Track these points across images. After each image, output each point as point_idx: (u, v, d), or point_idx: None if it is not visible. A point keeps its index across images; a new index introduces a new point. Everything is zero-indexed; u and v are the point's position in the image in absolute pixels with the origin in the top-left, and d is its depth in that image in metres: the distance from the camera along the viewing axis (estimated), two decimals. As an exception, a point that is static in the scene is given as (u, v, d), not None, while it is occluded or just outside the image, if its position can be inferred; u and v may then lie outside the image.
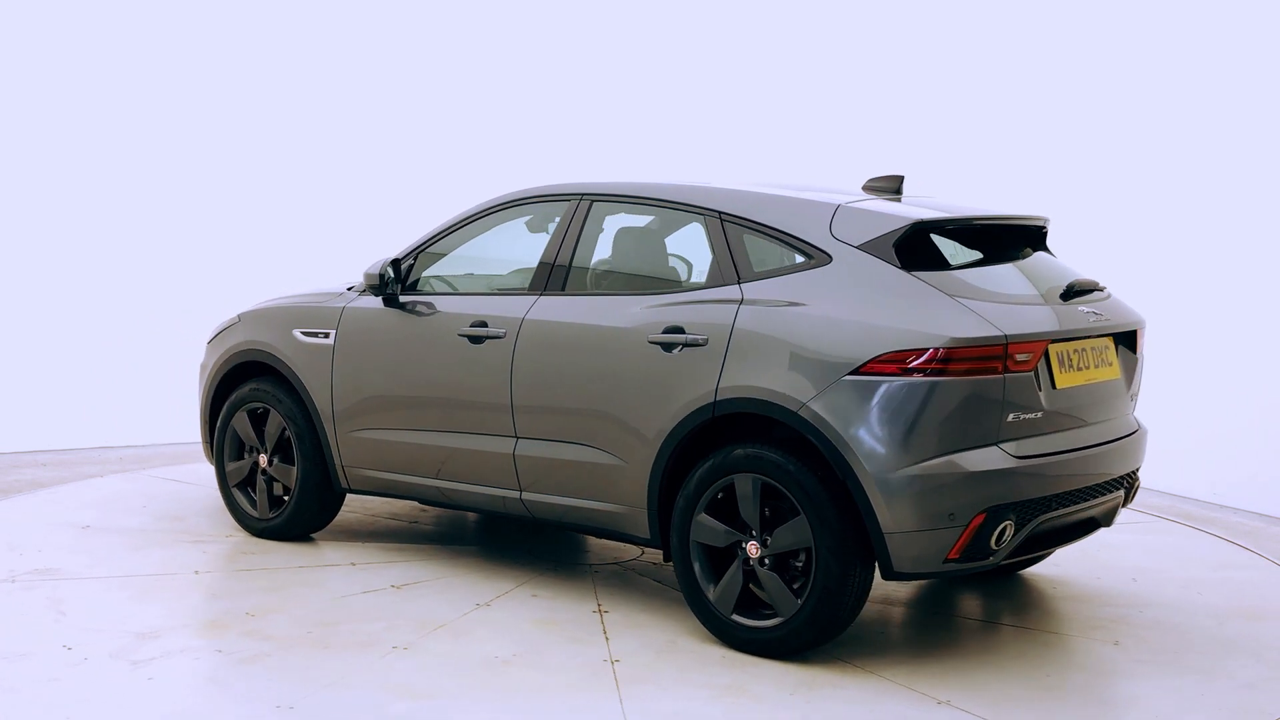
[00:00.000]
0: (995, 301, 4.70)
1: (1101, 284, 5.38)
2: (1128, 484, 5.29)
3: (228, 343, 6.63)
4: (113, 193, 10.20)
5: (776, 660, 4.76)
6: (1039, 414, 4.69)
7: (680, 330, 4.98)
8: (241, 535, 6.49)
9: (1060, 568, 6.14)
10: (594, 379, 5.24)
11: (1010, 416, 4.59)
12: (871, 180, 5.48)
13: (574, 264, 5.51)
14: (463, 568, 5.98)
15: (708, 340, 4.91)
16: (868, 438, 4.51)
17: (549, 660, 4.73)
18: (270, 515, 6.44)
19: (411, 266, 5.99)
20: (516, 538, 6.62)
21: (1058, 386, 4.78)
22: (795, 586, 4.74)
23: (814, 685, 4.55)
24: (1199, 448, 8.24)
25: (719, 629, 4.93)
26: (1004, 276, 5.13)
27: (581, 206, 5.59)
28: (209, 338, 6.88)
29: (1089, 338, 4.98)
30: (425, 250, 6.01)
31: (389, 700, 4.30)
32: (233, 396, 6.56)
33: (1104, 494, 5.08)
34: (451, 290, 5.97)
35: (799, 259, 4.92)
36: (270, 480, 6.45)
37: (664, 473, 5.03)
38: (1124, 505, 5.38)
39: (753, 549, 4.80)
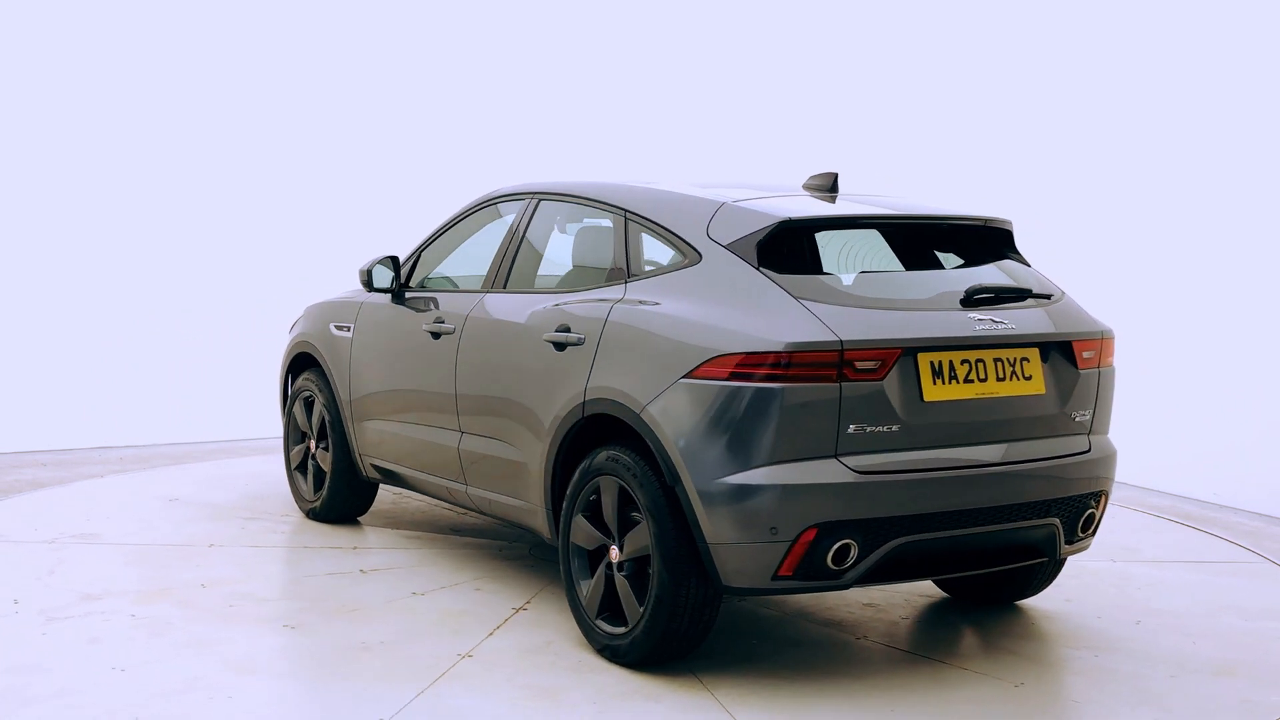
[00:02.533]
0: (855, 306, 4.36)
1: (1042, 290, 4.85)
2: (1071, 510, 4.72)
3: (291, 336, 7.10)
4: (113, 193, 10.24)
5: (633, 670, 4.62)
6: (894, 427, 4.29)
7: (567, 329, 4.94)
8: (297, 516, 6.94)
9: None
10: (506, 376, 5.28)
11: (851, 428, 4.23)
12: (810, 178, 5.20)
13: (516, 262, 5.57)
14: (451, 559, 6.13)
15: (584, 339, 4.84)
16: (694, 444, 4.31)
17: (407, 650, 4.80)
18: (313, 499, 6.85)
19: (414, 264, 6.21)
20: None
21: (926, 399, 4.36)
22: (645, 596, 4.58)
23: (629, 696, 4.38)
24: (1199, 448, 8.25)
25: (586, 632, 4.84)
26: (896, 280, 4.75)
27: (530, 205, 5.64)
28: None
29: (987, 347, 4.50)
30: (424, 248, 6.21)
31: (217, 673, 4.51)
32: (294, 386, 7.03)
33: (1018, 519, 4.56)
34: (439, 288, 6.14)
35: (678, 258, 4.76)
36: (316, 466, 6.85)
37: (554, 472, 4.99)
38: (1083, 533, 4.81)
39: (614, 554, 4.69)
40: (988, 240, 5.06)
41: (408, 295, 6.12)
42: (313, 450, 6.86)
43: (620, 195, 5.14)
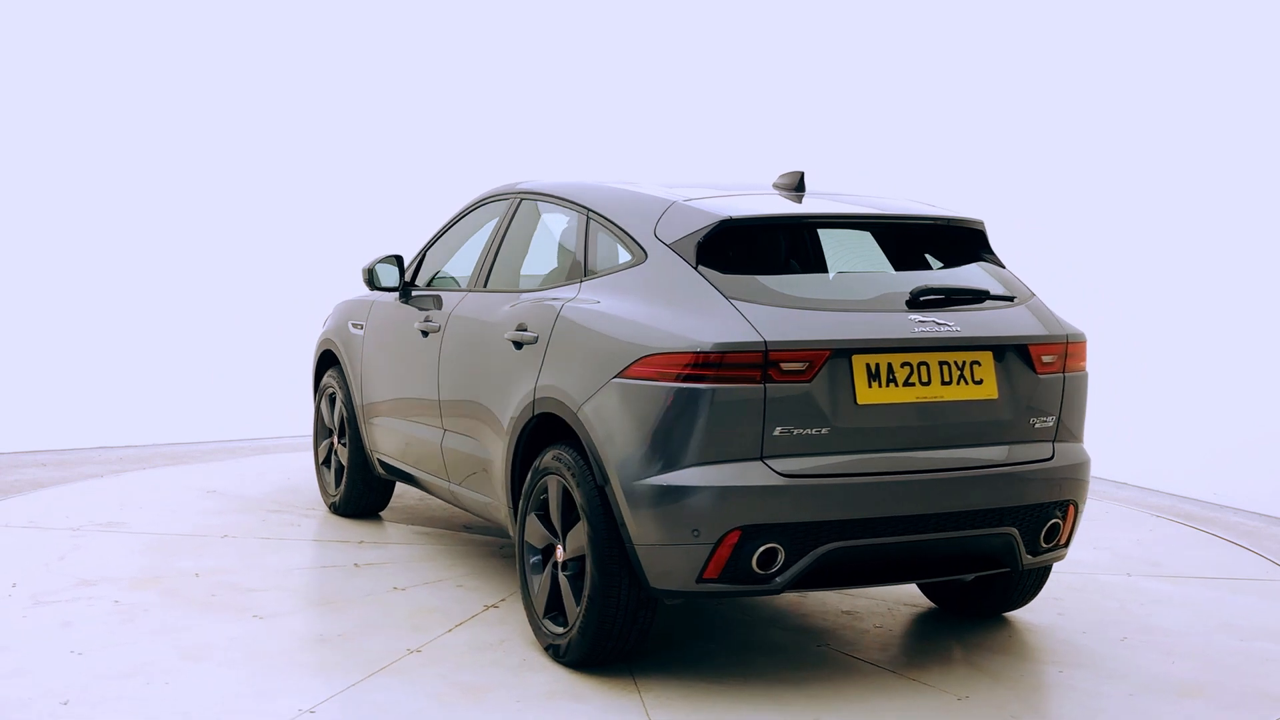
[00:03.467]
0: (789, 306, 4.27)
1: (1006, 291, 4.68)
2: (1030, 520, 4.54)
3: (320, 334, 7.27)
4: (113, 193, 10.32)
5: (573, 669, 4.61)
6: (824, 430, 4.19)
7: (525, 328, 4.95)
8: (323, 511, 7.10)
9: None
10: (476, 374, 5.33)
11: (777, 430, 4.15)
12: (779, 177, 5.12)
13: (496, 262, 5.60)
14: (447, 556, 6.20)
15: (537, 338, 4.85)
16: (622, 444, 4.28)
17: (360, 644, 4.86)
18: (334, 494, 7.00)
19: (420, 262, 6.30)
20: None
21: (860, 402, 4.25)
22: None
23: (555, 696, 4.37)
24: (1199, 448, 8.24)
25: (535, 631, 4.84)
26: (841, 281, 4.65)
27: (513, 205, 5.67)
28: (324, 329, 7.56)
29: (930, 350, 4.36)
30: (429, 246, 6.30)
31: (167, 659, 4.64)
32: (320, 383, 7.19)
33: (966, 527, 4.41)
34: (443, 287, 6.21)
35: (627, 257, 4.74)
36: (338, 461, 7.00)
37: (512, 471, 5.01)
38: (1047, 544, 4.62)
39: (559, 553, 4.69)
40: (958, 240, 4.91)
41: (414, 294, 6.20)
42: (335, 446, 7.00)
43: (584, 194, 5.13)
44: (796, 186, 4.99)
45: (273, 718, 4.10)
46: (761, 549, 4.16)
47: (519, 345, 4.96)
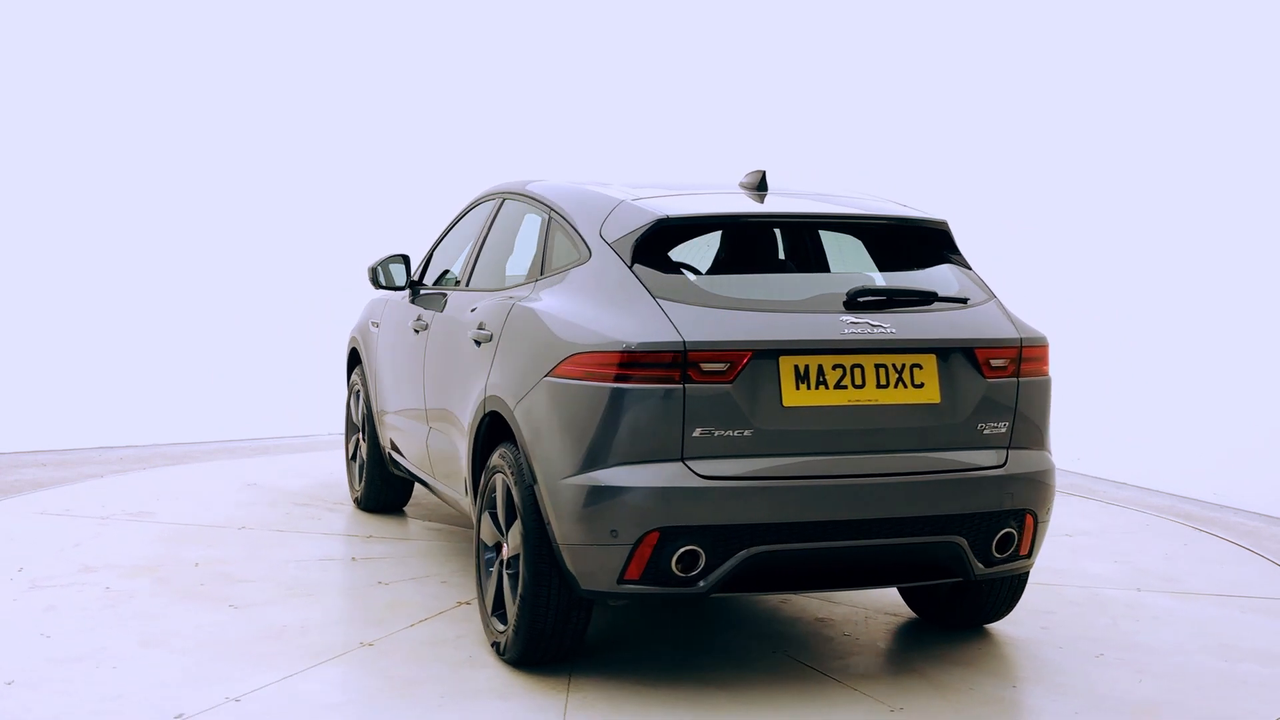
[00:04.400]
0: (717, 306, 4.21)
1: (959, 293, 4.52)
2: (980, 529, 4.38)
3: (350, 332, 7.42)
4: (113, 193, 10.32)
5: (513, 667, 4.61)
6: (746, 432, 4.12)
7: (483, 327, 4.98)
8: (350, 506, 7.24)
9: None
10: (449, 372, 5.37)
11: (697, 431, 4.09)
12: (744, 176, 5.04)
13: (478, 261, 5.65)
14: (446, 553, 6.27)
15: (492, 337, 4.87)
16: (547, 442, 4.28)
17: (318, 636, 4.93)
18: (358, 489, 7.14)
19: (427, 261, 6.38)
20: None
21: (786, 404, 4.16)
22: None
23: (483, 694, 4.37)
24: (1199, 448, 8.26)
25: (485, 627, 4.86)
26: (778, 281, 4.58)
27: (498, 204, 5.71)
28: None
29: (863, 352, 4.24)
30: (436, 245, 6.38)
31: (125, 645, 4.78)
32: (350, 379, 7.34)
33: (906, 534, 4.28)
34: (447, 286, 6.27)
35: (575, 256, 4.73)
36: (362, 457, 7.13)
37: (473, 469, 5.04)
38: (1001, 554, 4.43)
39: (504, 551, 4.70)
40: (921, 240, 4.77)
41: (421, 293, 6.28)
42: (361, 442, 7.14)
43: (549, 193, 5.14)
44: (758, 185, 4.91)
45: (198, 704, 4.19)
46: (681, 551, 4.10)
47: (479, 344, 4.99)
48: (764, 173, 4.92)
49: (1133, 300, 9.35)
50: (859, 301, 4.32)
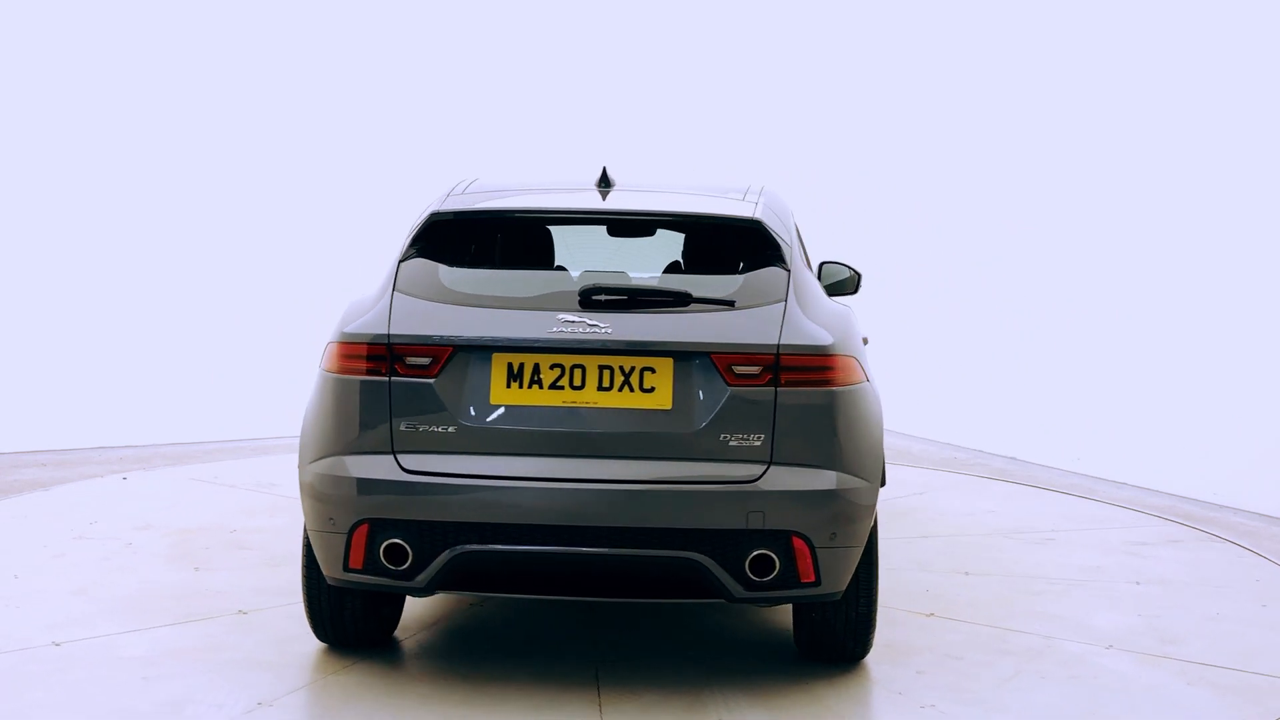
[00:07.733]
0: (441, 301, 4.24)
1: (727, 296, 4.26)
2: (727, 547, 4.05)
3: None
4: (114, 194, 10.27)
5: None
6: (451, 428, 4.09)
7: None
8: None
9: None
10: None
11: (403, 425, 4.12)
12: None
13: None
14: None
15: None
16: (302, 429, 4.43)
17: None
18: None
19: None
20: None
21: (494, 402, 4.10)
22: None
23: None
24: (1199, 448, 8.27)
25: None
26: (514, 277, 4.56)
27: None
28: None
29: (585, 353, 4.10)
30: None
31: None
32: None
33: (633, 545, 4.04)
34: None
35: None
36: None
37: None
38: (761, 577, 4.07)
39: None
40: (740, 238, 4.52)
41: None
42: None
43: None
44: (600, 182, 4.79)
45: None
46: (387, 544, 4.12)
47: None
48: (604, 169, 4.82)
49: (1132, 300, 9.34)
50: (593, 300, 4.18)
